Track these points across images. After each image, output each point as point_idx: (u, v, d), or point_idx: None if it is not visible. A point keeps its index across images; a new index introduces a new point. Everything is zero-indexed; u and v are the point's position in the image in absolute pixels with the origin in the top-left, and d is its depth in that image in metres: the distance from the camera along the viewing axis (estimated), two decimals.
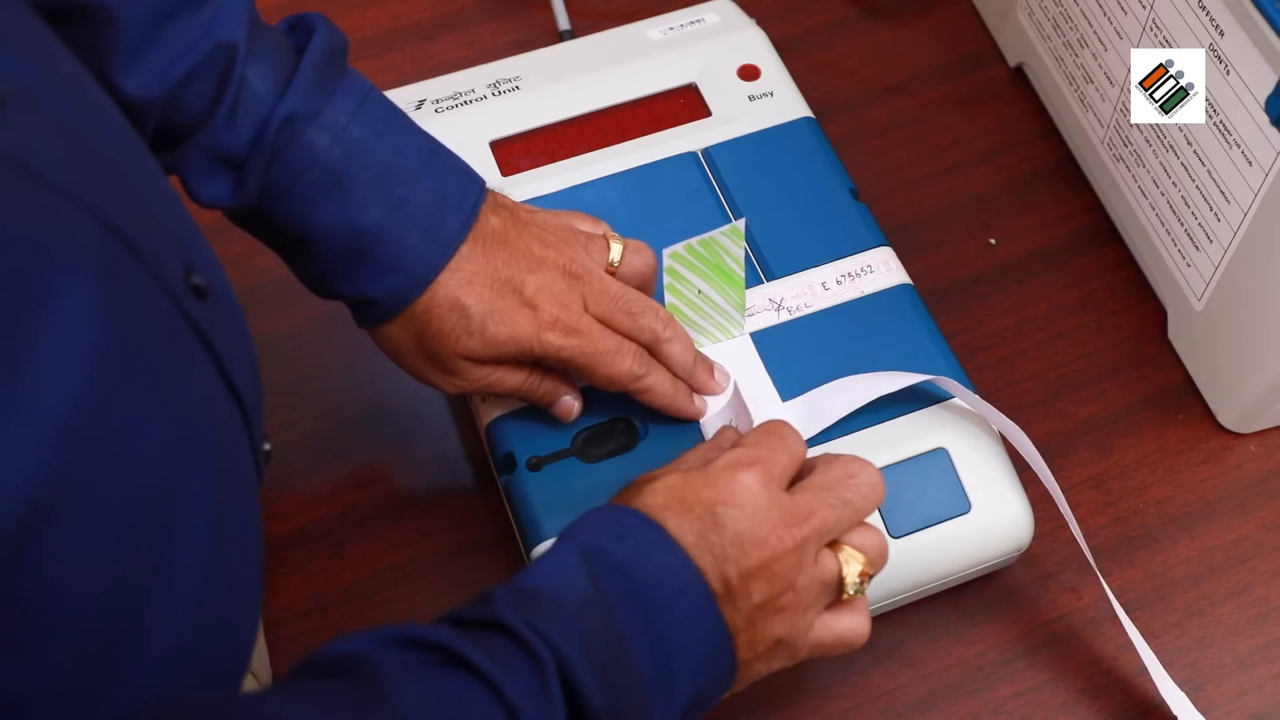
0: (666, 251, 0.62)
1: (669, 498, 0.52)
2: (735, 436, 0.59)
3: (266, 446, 0.51)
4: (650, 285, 0.65)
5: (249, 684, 0.58)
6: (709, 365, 0.65)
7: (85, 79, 0.44)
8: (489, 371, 0.61)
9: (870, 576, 0.55)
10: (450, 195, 0.59)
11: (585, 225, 0.65)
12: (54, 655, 0.35)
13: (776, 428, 0.56)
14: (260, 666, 0.61)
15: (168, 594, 0.39)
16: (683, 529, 0.51)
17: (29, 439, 0.33)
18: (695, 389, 0.64)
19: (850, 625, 0.55)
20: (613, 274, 0.63)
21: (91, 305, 0.36)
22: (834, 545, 0.54)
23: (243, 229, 0.60)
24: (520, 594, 0.49)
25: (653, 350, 0.63)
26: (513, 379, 0.62)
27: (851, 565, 0.54)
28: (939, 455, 0.64)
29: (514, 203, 0.63)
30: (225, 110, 0.55)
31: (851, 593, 0.54)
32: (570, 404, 0.64)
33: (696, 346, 0.66)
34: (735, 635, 0.51)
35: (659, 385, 0.62)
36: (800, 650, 0.54)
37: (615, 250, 0.63)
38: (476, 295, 0.59)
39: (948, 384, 0.64)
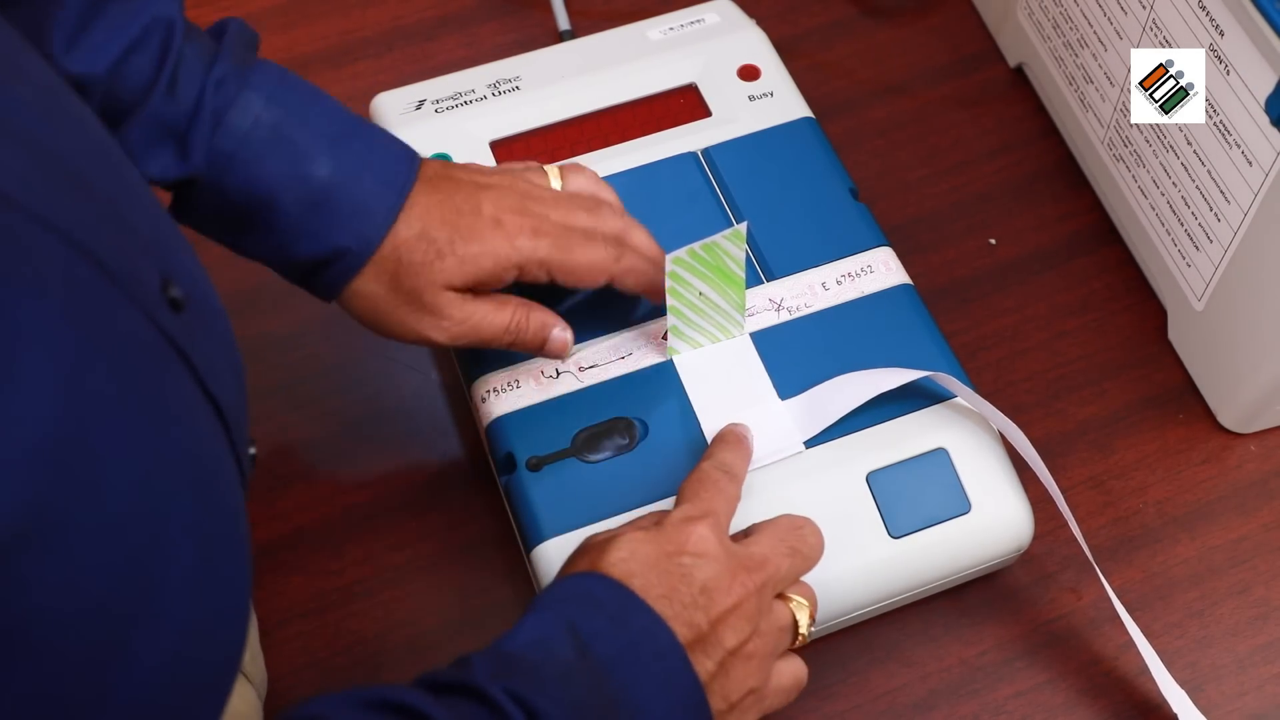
0: (669, 256, 0.62)
1: (632, 552, 0.54)
2: (738, 433, 0.62)
3: (251, 451, 0.50)
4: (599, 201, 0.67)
5: (241, 687, 0.58)
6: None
7: (60, 89, 0.44)
8: (474, 309, 0.62)
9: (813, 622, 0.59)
10: (391, 145, 0.62)
11: (516, 165, 0.67)
12: (41, 681, 0.35)
13: (709, 476, 0.58)
14: (254, 669, 0.61)
15: (155, 611, 0.38)
16: (650, 583, 0.53)
17: (3, 469, 0.33)
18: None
19: (799, 668, 0.58)
20: None
21: (61, 330, 0.35)
22: (779, 595, 0.57)
23: (202, 230, 0.61)
24: (501, 659, 0.49)
25: (618, 241, 0.64)
26: (499, 316, 0.62)
27: (802, 612, 0.57)
28: (939, 455, 0.64)
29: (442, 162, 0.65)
30: (165, 82, 0.57)
31: (805, 636, 0.57)
32: (562, 336, 0.64)
33: (696, 347, 0.67)
34: (707, 685, 0.52)
35: (638, 264, 0.64)
36: (767, 696, 0.56)
37: (552, 174, 0.66)
38: (439, 221, 0.61)
39: (946, 380, 0.64)
